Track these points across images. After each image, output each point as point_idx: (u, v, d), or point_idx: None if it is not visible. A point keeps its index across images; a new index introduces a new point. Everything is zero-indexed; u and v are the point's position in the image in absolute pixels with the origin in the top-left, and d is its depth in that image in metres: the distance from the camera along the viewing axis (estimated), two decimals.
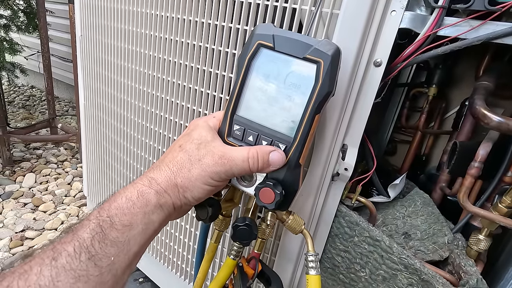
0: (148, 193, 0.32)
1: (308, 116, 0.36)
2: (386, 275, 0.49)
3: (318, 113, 0.36)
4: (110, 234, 0.28)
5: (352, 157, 0.49)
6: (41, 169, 1.64)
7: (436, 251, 0.53)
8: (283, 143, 0.37)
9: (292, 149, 0.37)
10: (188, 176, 0.34)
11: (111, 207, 0.30)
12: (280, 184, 0.37)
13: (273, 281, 0.44)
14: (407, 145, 0.82)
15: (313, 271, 0.40)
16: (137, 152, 0.76)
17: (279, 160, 0.36)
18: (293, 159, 0.37)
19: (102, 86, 0.81)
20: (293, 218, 0.43)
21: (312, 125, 0.36)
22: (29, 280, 0.24)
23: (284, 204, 0.38)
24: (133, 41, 0.68)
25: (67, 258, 0.25)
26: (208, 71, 0.57)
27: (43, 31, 1.67)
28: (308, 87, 0.36)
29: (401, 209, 0.61)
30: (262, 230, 0.44)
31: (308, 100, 0.36)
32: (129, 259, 0.29)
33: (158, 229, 0.33)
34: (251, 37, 0.38)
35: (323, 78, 0.35)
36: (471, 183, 0.47)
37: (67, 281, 0.25)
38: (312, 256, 0.40)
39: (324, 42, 0.35)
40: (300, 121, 0.36)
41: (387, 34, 0.42)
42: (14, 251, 1.13)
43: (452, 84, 0.74)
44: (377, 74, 0.44)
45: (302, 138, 0.36)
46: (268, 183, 0.37)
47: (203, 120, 0.39)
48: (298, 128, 0.36)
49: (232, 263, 0.46)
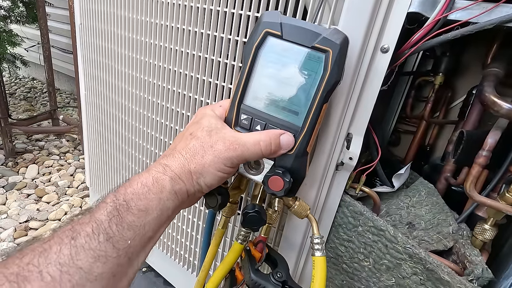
0: (163, 179, 0.32)
1: (316, 105, 0.36)
2: (390, 265, 0.49)
3: (326, 102, 0.36)
4: (127, 218, 0.28)
5: (357, 146, 0.48)
6: (44, 161, 1.65)
7: (440, 241, 0.52)
8: (291, 132, 0.37)
9: (300, 137, 0.37)
10: (202, 162, 0.33)
11: (126, 192, 0.30)
12: (288, 171, 0.37)
13: (279, 263, 0.44)
14: (411, 135, 0.81)
15: (319, 253, 0.41)
16: (139, 142, 0.75)
17: (289, 142, 0.37)
18: (301, 147, 0.37)
19: (103, 75, 0.80)
20: (299, 203, 0.44)
21: (320, 114, 0.36)
22: (49, 258, 0.24)
23: (291, 191, 0.39)
24: (134, 30, 0.66)
25: (86, 238, 0.26)
26: (210, 58, 0.56)
27: (43, 21, 1.65)
28: (316, 77, 0.36)
29: (405, 199, 0.60)
30: (269, 215, 0.45)
31: (317, 90, 0.36)
32: (144, 243, 0.30)
33: (171, 216, 0.33)
34: (257, 24, 0.37)
35: (331, 68, 0.35)
36: (479, 172, 0.46)
37: (86, 260, 0.25)
38: (317, 239, 0.41)
39: (332, 31, 0.35)
40: (308, 110, 0.36)
41: (395, 18, 0.40)
42: (19, 241, 1.14)
43: (458, 72, 0.72)
44: (384, 61, 0.43)
45: (310, 127, 0.37)
46: (277, 171, 0.37)
47: (210, 109, 0.39)
48: (306, 117, 0.36)
49: (239, 247, 0.47)
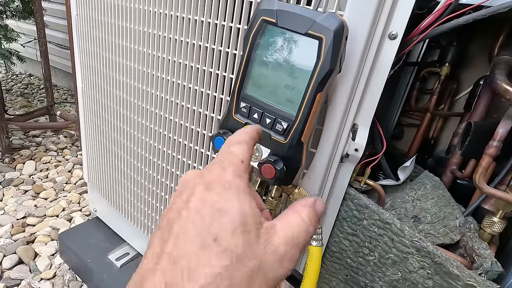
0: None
1: (309, 94, 0.35)
2: (396, 259, 0.47)
3: (320, 91, 0.35)
4: None
5: (363, 137, 0.47)
6: (41, 157, 1.63)
7: (447, 234, 0.51)
8: (285, 121, 0.37)
9: (293, 127, 0.37)
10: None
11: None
12: (281, 160, 0.37)
13: None
14: (414, 129, 0.80)
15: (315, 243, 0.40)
16: (138, 135, 0.74)
17: (322, 207, 0.27)
18: (295, 136, 0.37)
19: (100, 67, 0.78)
20: (298, 191, 0.43)
21: (313, 103, 0.36)
22: None
23: (285, 180, 0.38)
24: (132, 19, 0.65)
25: None
26: (211, 47, 0.55)
27: (39, 15, 1.62)
28: (309, 65, 0.35)
29: (410, 192, 0.59)
30: (269, 201, 0.45)
31: (310, 78, 0.35)
32: None
33: None
34: (255, 13, 0.37)
35: (324, 55, 0.34)
36: (489, 163, 0.45)
37: None
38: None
39: (326, 16, 0.33)
40: (301, 99, 0.36)
41: (405, 2, 0.39)
42: (16, 237, 1.13)
43: (464, 63, 0.71)
44: (392, 48, 0.41)
45: (304, 117, 0.36)
46: (269, 159, 0.37)
47: (233, 173, 0.22)
48: (300, 107, 0.36)
49: None
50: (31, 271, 1.01)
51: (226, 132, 0.41)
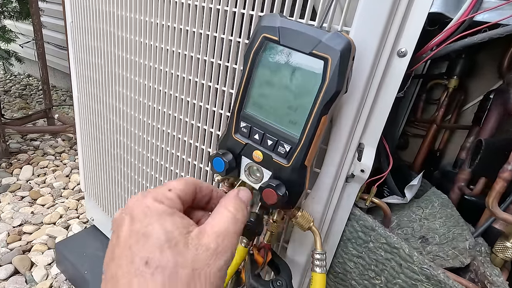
0: None
1: (314, 117, 0.33)
2: (404, 285, 0.45)
3: (325, 114, 0.33)
4: None
5: (370, 157, 0.44)
6: (39, 161, 1.61)
7: (456, 257, 0.49)
8: (288, 144, 0.35)
9: (296, 151, 0.35)
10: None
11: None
12: (284, 185, 0.35)
13: (282, 270, 0.44)
14: (419, 139, 0.77)
15: (318, 269, 0.40)
16: (134, 147, 0.72)
17: (247, 194, 0.30)
18: (298, 160, 0.35)
19: (96, 76, 0.76)
20: (302, 215, 0.41)
21: (318, 126, 0.33)
22: None
23: (288, 204, 0.37)
24: (128, 29, 0.62)
25: None
26: (210, 60, 0.52)
27: (36, 17, 1.60)
28: (314, 86, 0.33)
29: (417, 211, 0.57)
30: (270, 223, 0.43)
31: (314, 101, 0.33)
32: None
33: None
34: (256, 29, 0.35)
35: (330, 77, 0.31)
36: (503, 188, 0.42)
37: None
38: (319, 255, 0.40)
39: (332, 35, 0.31)
40: (305, 121, 0.34)
41: (415, 19, 0.36)
42: (12, 246, 1.11)
43: (472, 73, 0.68)
44: (401, 66, 0.39)
45: (307, 140, 0.34)
46: (270, 183, 0.35)
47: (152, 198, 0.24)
48: (304, 130, 0.34)
49: (243, 250, 0.45)
50: (27, 282, 0.99)
51: (225, 152, 0.39)
